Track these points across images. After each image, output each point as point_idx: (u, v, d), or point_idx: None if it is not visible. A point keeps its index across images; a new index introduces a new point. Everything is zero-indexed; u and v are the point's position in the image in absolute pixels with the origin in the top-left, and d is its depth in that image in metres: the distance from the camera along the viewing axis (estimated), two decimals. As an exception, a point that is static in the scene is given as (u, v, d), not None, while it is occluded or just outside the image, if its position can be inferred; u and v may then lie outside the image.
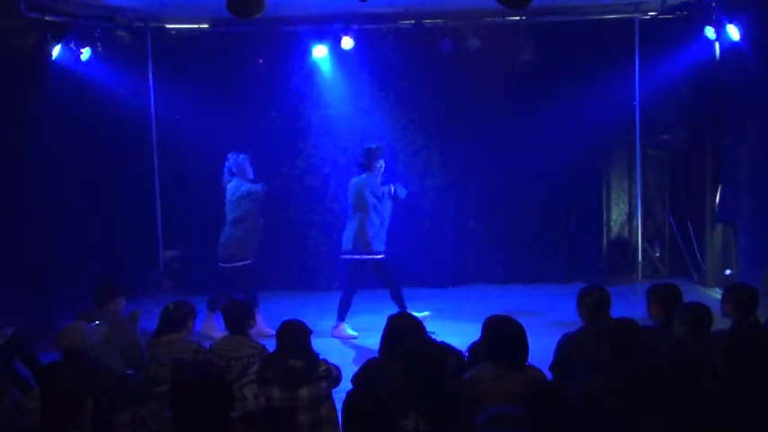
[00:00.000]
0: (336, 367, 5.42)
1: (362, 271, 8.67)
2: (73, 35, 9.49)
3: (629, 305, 6.70)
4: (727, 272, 9.94)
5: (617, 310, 5.82)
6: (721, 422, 4.08)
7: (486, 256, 10.77)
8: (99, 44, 9.80)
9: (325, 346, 8.31)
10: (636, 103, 10.67)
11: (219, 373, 5.02)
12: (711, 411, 4.14)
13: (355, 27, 10.10)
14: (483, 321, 5.26)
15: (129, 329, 6.55)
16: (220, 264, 8.81)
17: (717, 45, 9.82)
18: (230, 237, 8.78)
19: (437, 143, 10.75)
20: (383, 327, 5.31)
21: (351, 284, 8.70)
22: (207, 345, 5.95)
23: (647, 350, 4.88)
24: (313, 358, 5.28)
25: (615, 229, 11.08)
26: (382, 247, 8.66)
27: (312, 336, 5.33)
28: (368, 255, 8.57)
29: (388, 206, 8.76)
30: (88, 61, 9.74)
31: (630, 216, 11.04)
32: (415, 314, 5.90)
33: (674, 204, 11.13)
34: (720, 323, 5.75)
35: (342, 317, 8.68)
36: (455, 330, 8.69)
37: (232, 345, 5.75)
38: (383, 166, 8.76)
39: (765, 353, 4.51)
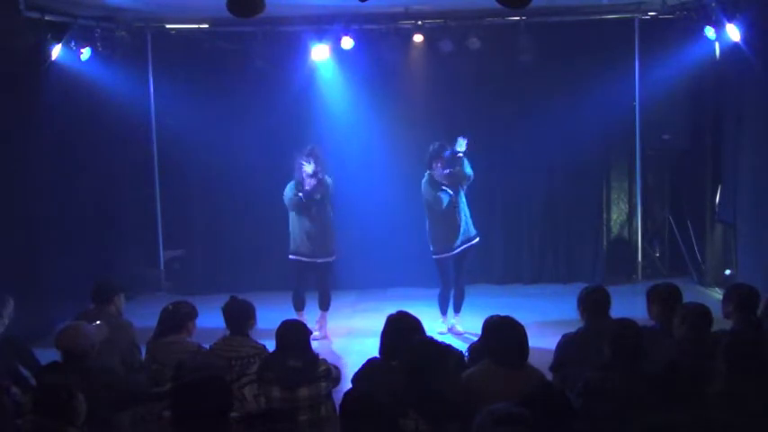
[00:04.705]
0: (336, 367, 5.42)
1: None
2: (73, 35, 9.47)
3: (629, 305, 6.68)
4: (727, 272, 9.94)
5: (617, 310, 5.82)
6: (721, 423, 4.09)
7: (486, 256, 10.76)
8: (99, 44, 9.79)
9: (326, 347, 8.35)
10: (636, 103, 10.67)
11: (219, 373, 5.02)
12: (711, 412, 4.14)
13: (355, 27, 10.10)
14: (483, 321, 5.27)
15: (129, 330, 6.54)
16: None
17: (717, 45, 9.82)
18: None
19: (436, 143, 10.73)
20: (383, 327, 5.32)
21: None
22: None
23: (647, 350, 4.88)
24: (313, 358, 5.28)
25: (615, 229, 11.08)
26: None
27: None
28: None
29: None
30: (88, 61, 9.73)
31: (630, 216, 11.04)
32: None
33: (674, 204, 11.13)
34: (720, 324, 5.75)
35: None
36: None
37: (232, 345, 5.74)
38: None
39: (766, 354, 4.51)
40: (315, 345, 6.13)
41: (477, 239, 8.87)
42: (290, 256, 8.84)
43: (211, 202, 10.94)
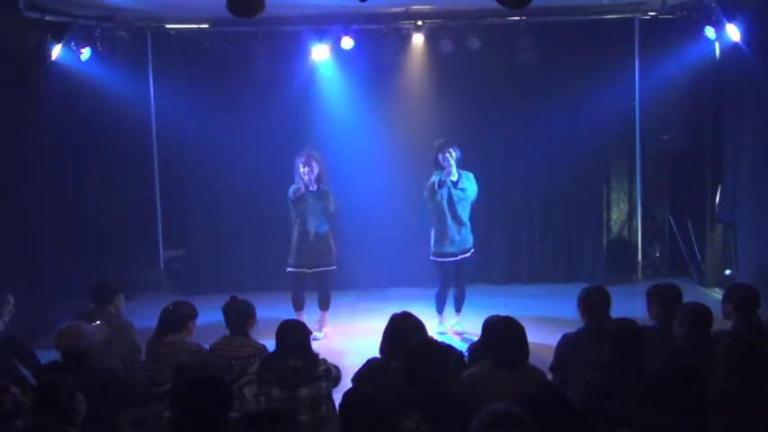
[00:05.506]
0: (336, 367, 5.42)
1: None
2: (73, 35, 9.47)
3: (629, 305, 6.69)
4: (727, 272, 9.94)
5: (617, 310, 5.82)
6: (721, 423, 4.08)
7: (487, 256, 10.76)
8: (99, 44, 9.79)
9: (326, 347, 8.35)
10: (636, 103, 10.68)
11: (219, 373, 5.02)
12: (711, 413, 4.13)
13: (355, 27, 10.11)
14: (483, 321, 5.27)
15: (129, 330, 6.54)
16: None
17: (717, 45, 9.82)
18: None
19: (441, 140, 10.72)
20: (386, 326, 5.32)
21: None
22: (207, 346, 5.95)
23: (646, 350, 4.88)
24: (313, 358, 5.28)
25: (615, 229, 11.08)
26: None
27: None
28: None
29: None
30: (88, 61, 9.73)
31: (630, 216, 11.04)
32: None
33: (674, 204, 11.13)
34: (720, 324, 5.75)
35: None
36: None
37: (232, 345, 5.75)
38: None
39: (766, 354, 4.51)
40: (315, 345, 6.12)
41: (472, 252, 8.84)
42: (288, 269, 8.84)
43: (211, 202, 10.93)
